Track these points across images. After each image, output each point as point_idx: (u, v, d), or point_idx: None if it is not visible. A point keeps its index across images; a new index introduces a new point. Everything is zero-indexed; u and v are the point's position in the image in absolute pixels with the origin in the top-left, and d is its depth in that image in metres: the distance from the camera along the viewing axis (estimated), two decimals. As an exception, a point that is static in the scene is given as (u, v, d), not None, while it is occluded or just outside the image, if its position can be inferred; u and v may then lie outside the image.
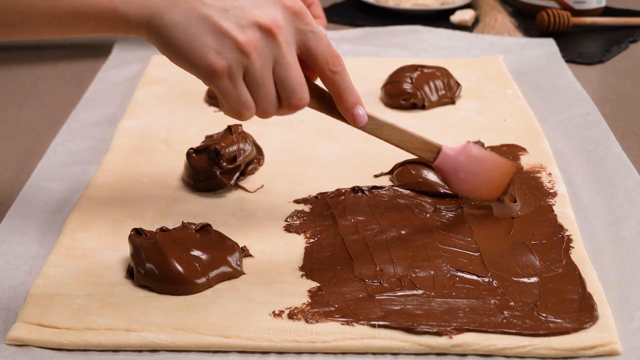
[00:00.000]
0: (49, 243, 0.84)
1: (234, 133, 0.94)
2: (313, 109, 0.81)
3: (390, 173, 0.96)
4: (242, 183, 0.94)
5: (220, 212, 0.89)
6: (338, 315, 0.72)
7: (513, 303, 0.73)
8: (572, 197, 0.91)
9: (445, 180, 0.86)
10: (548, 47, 1.33)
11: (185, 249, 0.76)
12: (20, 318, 0.72)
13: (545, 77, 1.23)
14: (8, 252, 0.82)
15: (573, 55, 1.33)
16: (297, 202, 0.90)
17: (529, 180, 0.93)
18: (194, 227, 0.79)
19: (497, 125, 1.08)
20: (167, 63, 1.26)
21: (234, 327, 0.71)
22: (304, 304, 0.74)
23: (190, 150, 0.93)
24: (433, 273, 0.77)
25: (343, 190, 0.91)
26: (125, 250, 0.79)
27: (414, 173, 0.92)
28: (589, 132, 1.04)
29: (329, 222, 0.86)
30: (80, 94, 1.19)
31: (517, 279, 0.76)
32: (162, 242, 0.75)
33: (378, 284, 0.76)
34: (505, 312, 0.72)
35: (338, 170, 0.97)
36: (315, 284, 0.76)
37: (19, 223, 0.86)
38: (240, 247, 0.80)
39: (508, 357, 0.69)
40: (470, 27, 1.48)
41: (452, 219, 0.86)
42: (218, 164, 0.91)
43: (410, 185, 0.91)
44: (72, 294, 0.75)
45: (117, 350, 0.70)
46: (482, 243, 0.82)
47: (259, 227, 0.86)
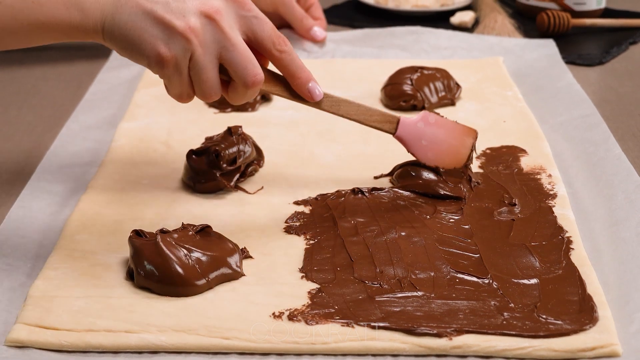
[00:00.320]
0: (49, 244, 0.84)
1: (234, 134, 0.94)
2: (271, 93, 0.85)
3: (390, 175, 0.95)
4: (242, 184, 0.94)
5: (220, 213, 0.89)
6: (338, 317, 0.72)
7: (513, 304, 0.73)
8: (572, 198, 0.91)
9: (411, 151, 0.90)
10: (548, 48, 1.33)
11: (185, 251, 0.76)
12: (21, 319, 0.72)
13: (545, 78, 1.23)
14: (8, 253, 0.82)
15: (573, 57, 1.33)
16: (297, 203, 0.90)
17: (529, 182, 0.93)
18: (194, 228, 0.79)
19: (497, 127, 1.08)
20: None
21: (234, 328, 0.71)
22: (304, 306, 0.74)
23: (190, 152, 0.93)
24: (433, 274, 0.77)
25: (343, 192, 0.91)
26: (125, 252, 0.79)
27: (414, 174, 0.92)
28: (589, 133, 1.04)
29: (329, 223, 0.86)
30: (80, 96, 1.19)
31: (517, 281, 0.76)
32: (162, 243, 0.75)
33: (378, 286, 0.76)
34: (505, 313, 0.72)
35: (338, 172, 0.97)
36: (315, 286, 0.76)
37: (19, 225, 0.86)
38: (240, 248, 0.80)
39: (508, 358, 0.69)
40: (470, 28, 1.48)
41: (452, 221, 0.86)
42: (218, 166, 0.91)
43: (410, 187, 0.91)
44: (72, 296, 0.75)
45: (117, 352, 0.70)
46: (482, 244, 0.82)
47: (259, 228, 0.86)
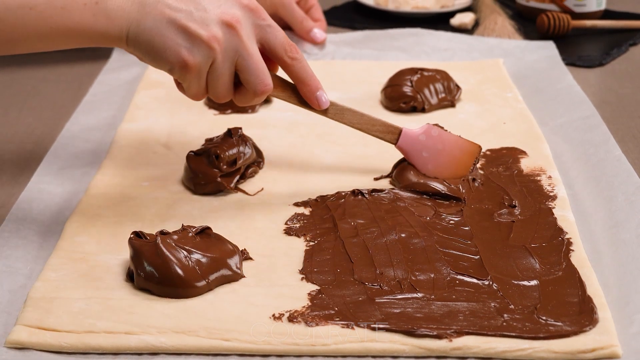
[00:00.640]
0: (49, 246, 0.84)
1: (234, 136, 0.94)
2: (277, 98, 0.88)
3: (390, 176, 0.96)
4: (242, 186, 0.94)
5: (220, 215, 0.89)
6: (338, 318, 0.72)
7: (513, 306, 0.73)
8: (572, 200, 0.91)
9: (411, 161, 0.93)
10: (548, 50, 1.33)
11: (185, 252, 0.76)
12: (20, 321, 0.72)
13: (545, 80, 1.23)
14: (8, 255, 0.82)
15: (573, 58, 1.33)
16: (297, 205, 0.90)
17: (529, 184, 0.93)
18: (194, 230, 0.79)
19: (497, 129, 1.08)
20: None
21: (234, 330, 0.71)
22: (304, 307, 0.74)
23: (190, 153, 0.93)
24: (433, 276, 0.77)
25: (343, 193, 0.91)
26: (125, 254, 0.79)
27: (413, 173, 0.92)
28: (589, 135, 1.04)
29: (329, 225, 0.86)
30: (80, 97, 1.19)
31: (517, 282, 0.76)
32: (162, 245, 0.75)
33: (378, 287, 0.76)
34: (505, 315, 0.72)
35: (338, 173, 0.97)
36: (316, 287, 0.76)
37: (19, 226, 0.86)
38: (240, 250, 0.80)
39: (508, 360, 0.69)
40: (470, 30, 1.49)
41: (452, 222, 0.86)
42: (218, 167, 0.91)
43: (411, 188, 0.91)
44: (72, 297, 0.75)
45: (117, 353, 0.70)
46: (482, 246, 0.82)
47: (259, 230, 0.86)
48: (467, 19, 1.49)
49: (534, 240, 0.82)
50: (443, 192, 0.90)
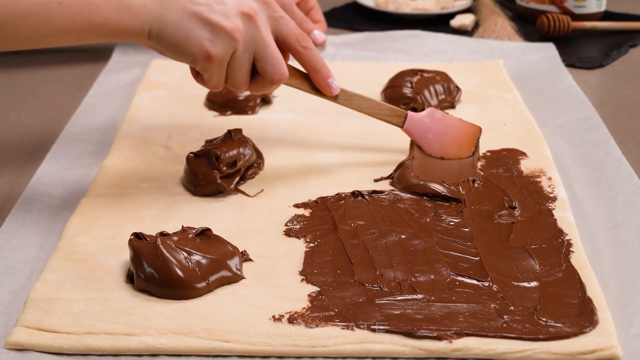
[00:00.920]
0: (49, 247, 0.84)
1: (234, 137, 0.94)
2: (290, 86, 0.92)
3: (391, 177, 0.96)
4: (242, 187, 0.94)
5: (220, 216, 0.89)
6: (338, 320, 0.72)
7: (513, 307, 0.73)
8: (572, 201, 0.91)
9: (417, 143, 0.98)
10: (548, 51, 1.33)
11: (185, 254, 0.76)
12: (20, 322, 0.72)
13: (545, 81, 1.23)
14: (8, 256, 0.82)
15: (573, 60, 1.33)
16: (297, 206, 0.90)
17: (529, 185, 0.93)
18: (194, 231, 0.79)
19: (497, 130, 1.08)
20: (167, 67, 1.27)
21: (234, 331, 0.71)
22: (304, 309, 0.74)
23: (190, 155, 0.93)
24: (433, 277, 0.77)
25: (343, 195, 0.91)
26: (125, 255, 0.79)
27: (413, 175, 0.92)
28: (589, 136, 1.04)
29: (329, 226, 0.86)
30: (80, 99, 1.19)
31: (517, 284, 0.76)
32: (162, 246, 0.75)
33: (378, 289, 0.76)
34: (505, 316, 0.72)
35: (338, 175, 0.97)
36: (315, 289, 0.76)
37: (19, 227, 0.86)
38: (240, 251, 0.80)
39: (508, 361, 0.69)
40: (470, 31, 1.49)
41: (452, 224, 0.86)
42: (218, 169, 0.91)
43: (411, 190, 0.91)
44: (72, 299, 0.75)
45: (117, 355, 0.70)
46: (482, 247, 0.82)
47: (259, 231, 0.86)
48: (467, 21, 1.49)
49: (534, 242, 0.82)
50: (443, 193, 0.90)
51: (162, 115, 1.12)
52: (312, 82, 0.93)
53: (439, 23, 1.52)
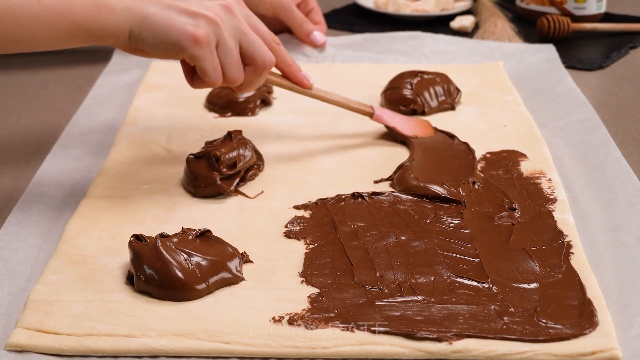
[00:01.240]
0: (49, 249, 0.84)
1: (234, 139, 0.94)
2: (270, 82, 0.96)
3: (391, 179, 0.96)
4: (242, 189, 0.94)
5: (220, 218, 0.88)
6: (338, 321, 0.72)
7: (513, 309, 0.73)
8: (572, 203, 0.91)
9: (390, 125, 1.04)
10: (548, 53, 1.33)
11: (185, 255, 0.76)
12: (20, 324, 0.72)
13: (545, 82, 1.23)
14: (8, 257, 0.82)
15: (573, 61, 1.33)
16: (297, 208, 0.90)
17: (529, 186, 0.93)
18: (194, 232, 0.79)
19: (497, 131, 1.08)
20: (167, 69, 1.27)
21: (234, 333, 0.71)
22: (304, 310, 0.74)
23: (190, 156, 0.93)
24: (433, 279, 0.77)
25: (343, 196, 0.91)
26: (125, 256, 0.79)
27: (413, 177, 0.92)
28: (589, 137, 1.04)
29: (329, 228, 0.86)
30: (80, 100, 1.19)
31: (517, 285, 0.76)
32: (162, 248, 0.75)
33: (378, 290, 0.76)
34: (505, 318, 0.72)
35: (338, 176, 0.97)
36: (315, 290, 0.76)
37: (19, 229, 0.86)
38: (240, 252, 0.80)
39: (508, 363, 0.69)
40: (470, 33, 1.49)
41: (452, 225, 0.86)
42: (218, 170, 0.91)
43: (410, 191, 0.91)
44: (72, 300, 0.75)
45: (117, 356, 0.70)
46: (482, 249, 0.82)
47: (259, 233, 0.86)
48: (467, 22, 1.49)
49: (534, 243, 0.82)
50: (443, 195, 0.90)
51: (162, 117, 1.12)
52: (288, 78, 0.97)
53: (439, 25, 1.52)
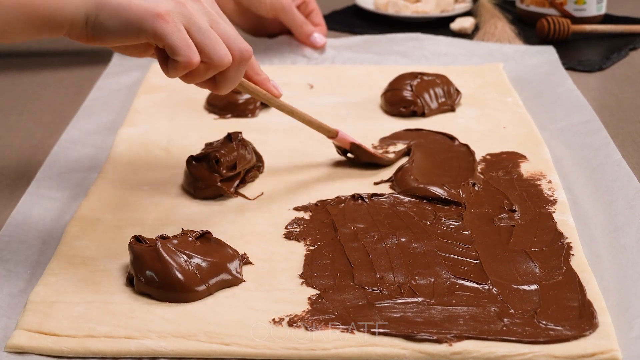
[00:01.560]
0: (49, 251, 0.84)
1: (234, 140, 0.94)
2: (243, 88, 0.87)
3: (391, 180, 0.96)
4: (242, 190, 0.94)
5: (220, 219, 0.89)
6: (338, 323, 0.72)
7: (513, 310, 0.73)
8: (572, 204, 0.91)
9: (357, 144, 0.97)
10: (548, 54, 1.33)
11: (185, 257, 0.76)
12: (20, 325, 0.72)
13: (545, 84, 1.23)
14: (8, 259, 0.82)
15: (573, 63, 1.33)
16: (297, 209, 0.90)
17: (529, 188, 0.93)
18: (194, 234, 0.79)
19: (496, 133, 1.08)
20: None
21: (234, 334, 0.71)
22: (304, 312, 0.74)
23: (190, 158, 0.93)
24: (433, 280, 0.77)
25: (343, 198, 0.91)
26: (125, 258, 0.79)
27: (413, 178, 0.92)
28: (589, 139, 1.04)
29: (329, 229, 0.86)
30: (80, 102, 1.19)
31: (517, 287, 0.76)
32: (162, 249, 0.75)
33: (378, 292, 0.76)
34: (505, 319, 0.72)
35: (338, 178, 0.97)
36: (315, 292, 0.76)
37: (19, 230, 0.86)
38: (240, 254, 0.80)
39: (508, 364, 0.69)
40: (470, 34, 1.49)
41: (452, 227, 0.86)
42: (218, 172, 0.91)
43: (411, 193, 0.91)
44: (72, 302, 0.75)
45: (117, 358, 0.70)
46: (482, 250, 0.82)
47: (259, 234, 0.86)
48: (467, 24, 1.49)
49: (534, 245, 0.82)
50: (443, 196, 0.90)
51: (162, 119, 1.12)
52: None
53: (439, 26, 1.52)
